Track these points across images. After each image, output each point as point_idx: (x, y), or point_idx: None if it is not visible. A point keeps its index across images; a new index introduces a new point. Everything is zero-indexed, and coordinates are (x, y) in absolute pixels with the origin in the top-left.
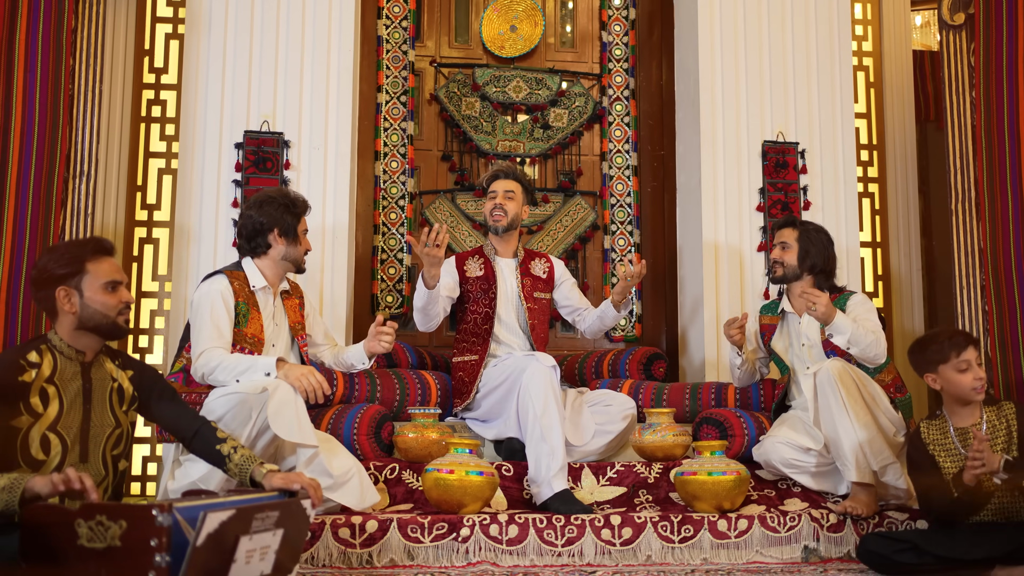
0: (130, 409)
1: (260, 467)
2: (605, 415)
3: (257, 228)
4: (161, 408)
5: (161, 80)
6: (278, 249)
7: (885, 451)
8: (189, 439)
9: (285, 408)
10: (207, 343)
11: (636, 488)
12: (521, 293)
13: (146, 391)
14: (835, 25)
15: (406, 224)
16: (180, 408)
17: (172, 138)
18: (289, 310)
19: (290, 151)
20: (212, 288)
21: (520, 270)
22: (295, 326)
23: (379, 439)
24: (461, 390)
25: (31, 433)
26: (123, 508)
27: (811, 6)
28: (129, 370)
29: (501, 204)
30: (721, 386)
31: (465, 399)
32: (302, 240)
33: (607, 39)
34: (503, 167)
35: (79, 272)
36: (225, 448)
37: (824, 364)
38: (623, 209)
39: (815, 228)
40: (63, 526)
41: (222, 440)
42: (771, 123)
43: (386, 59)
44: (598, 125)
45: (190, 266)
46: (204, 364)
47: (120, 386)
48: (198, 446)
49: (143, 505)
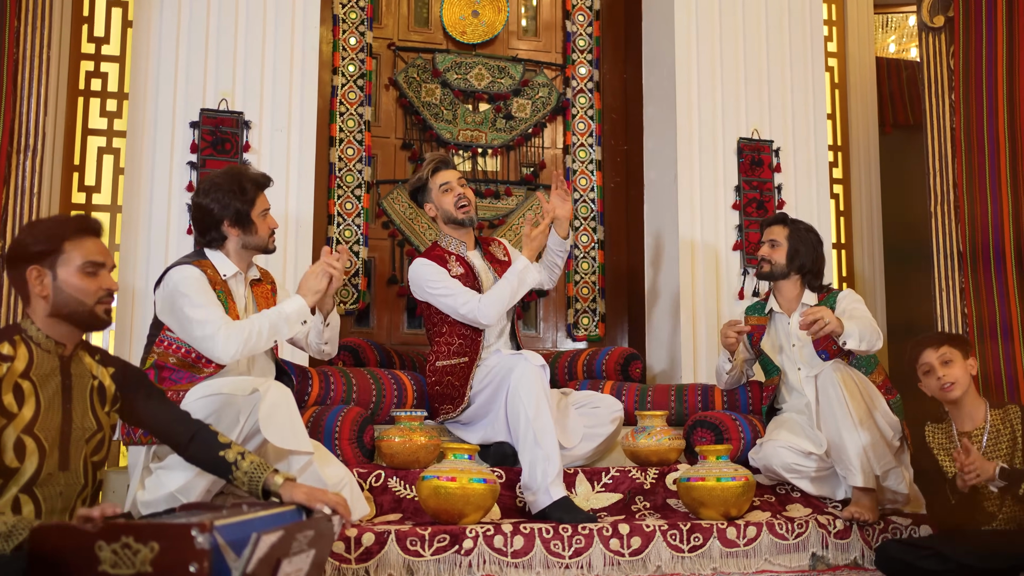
0: (112, 410)
1: (275, 476)
2: (593, 417)
3: (208, 220)
4: (149, 409)
5: (102, 51)
6: (234, 239)
7: (887, 455)
8: (184, 444)
9: (278, 411)
10: (218, 320)
11: (633, 494)
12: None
13: (131, 390)
14: (807, 24)
15: (363, 215)
16: (171, 410)
17: (114, 115)
18: (260, 298)
19: (250, 132)
20: (189, 274)
21: (487, 259)
22: None
23: (361, 444)
24: (451, 395)
25: (4, 436)
26: (154, 528)
27: (784, 5)
28: (110, 367)
29: (463, 193)
30: (707, 388)
31: (459, 404)
32: (259, 225)
33: (571, 29)
34: (441, 157)
35: (55, 251)
36: (230, 454)
37: (825, 367)
38: (586, 204)
39: (806, 227)
40: (81, 550)
41: (225, 445)
42: (746, 120)
43: (342, 40)
44: (561, 117)
45: (139, 255)
46: (233, 338)
47: (101, 384)
48: (196, 452)
49: (179, 524)
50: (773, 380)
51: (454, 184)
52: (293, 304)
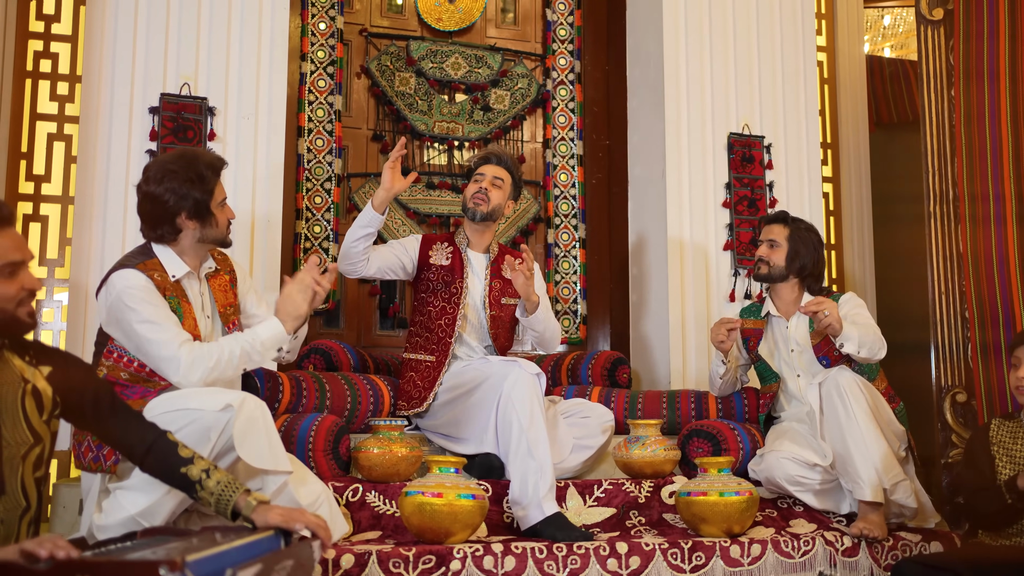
0: (52, 417)
1: (246, 497)
2: (583, 428)
3: (161, 212)
4: (99, 413)
5: (52, 29)
6: (190, 234)
7: (896, 467)
8: (140, 456)
9: (255, 427)
10: (176, 339)
11: (627, 509)
12: (487, 297)
13: (74, 392)
14: (799, 15)
15: (333, 210)
16: (124, 413)
17: (66, 98)
18: (217, 292)
19: (215, 120)
20: (133, 282)
21: (491, 270)
22: (226, 311)
23: (337, 455)
24: (411, 393)
25: None
26: (116, 567)
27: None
28: (45, 365)
29: (486, 189)
30: (700, 395)
31: (415, 405)
32: (218, 215)
33: (551, 17)
34: (497, 151)
35: None
36: (194, 471)
37: (830, 373)
38: (567, 201)
39: (807, 227)
40: None
41: (187, 460)
42: (736, 115)
43: (311, 24)
44: (541, 110)
45: (92, 250)
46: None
47: (35, 388)
48: (153, 465)
49: (145, 562)
50: (771, 387)
51: (486, 178)
52: (269, 329)
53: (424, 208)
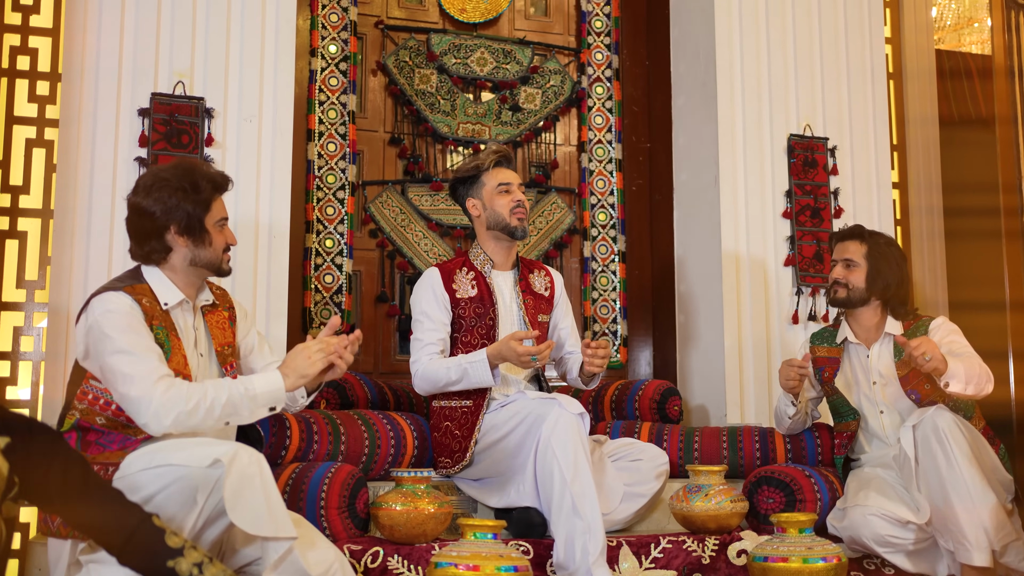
0: (6, 499)
1: None
2: (635, 473)
3: (147, 225)
4: (67, 494)
5: (30, 22)
6: (181, 252)
7: (1007, 525)
8: (119, 545)
9: (250, 486)
10: (152, 373)
11: (690, 571)
12: (525, 316)
13: (37, 470)
14: (866, 3)
15: (346, 221)
16: (98, 493)
17: (46, 99)
18: (215, 329)
19: (213, 122)
20: (115, 306)
21: (520, 285)
22: (223, 350)
23: (353, 512)
24: (451, 446)
25: None
26: None
27: None
28: (2, 436)
29: (522, 200)
30: (765, 432)
31: (459, 458)
32: (214, 236)
33: (586, 7)
34: (505, 151)
35: None
36: (183, 565)
37: (926, 414)
38: (605, 210)
39: (887, 241)
40: None
41: (176, 552)
42: (797, 114)
43: (321, 16)
44: (576, 109)
45: (75, 270)
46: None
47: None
48: (134, 557)
49: None
50: (848, 425)
51: (516, 188)
52: (266, 382)
53: (447, 219)
